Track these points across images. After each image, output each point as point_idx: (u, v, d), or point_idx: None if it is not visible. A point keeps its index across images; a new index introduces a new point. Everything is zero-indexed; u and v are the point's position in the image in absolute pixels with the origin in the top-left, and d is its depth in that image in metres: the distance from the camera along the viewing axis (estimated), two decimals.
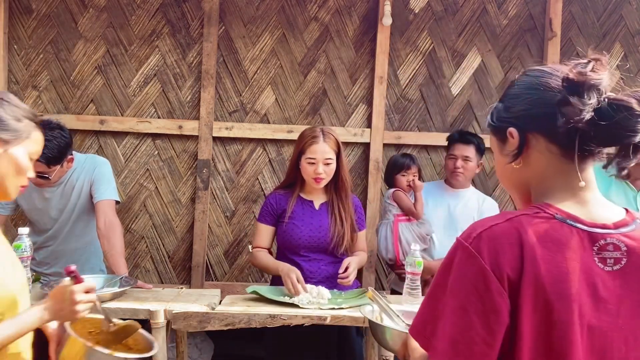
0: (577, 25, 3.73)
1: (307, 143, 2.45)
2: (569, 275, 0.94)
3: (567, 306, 0.94)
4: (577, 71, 0.97)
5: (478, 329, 0.94)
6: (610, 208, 1.03)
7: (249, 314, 2.08)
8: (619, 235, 0.98)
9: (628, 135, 0.96)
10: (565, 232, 0.97)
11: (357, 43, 3.62)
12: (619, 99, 0.97)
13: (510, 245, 0.94)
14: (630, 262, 0.97)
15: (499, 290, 0.93)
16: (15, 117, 1.39)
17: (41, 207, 2.51)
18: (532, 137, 1.03)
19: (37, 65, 3.50)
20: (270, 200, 2.58)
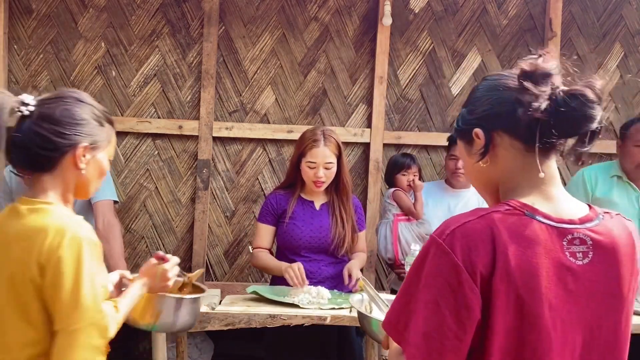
0: (577, 25, 3.73)
1: (307, 146, 2.43)
2: (540, 270, 0.97)
3: (538, 300, 0.97)
4: (529, 62, 1.03)
5: (450, 324, 0.96)
6: (574, 204, 1.07)
7: (249, 314, 2.08)
8: (584, 230, 1.01)
9: (585, 123, 1.01)
10: (535, 228, 0.99)
11: (357, 43, 3.62)
12: (574, 88, 1.02)
13: (482, 242, 0.97)
14: (596, 255, 1.01)
15: (471, 286, 0.96)
16: (99, 121, 1.41)
17: None
18: (497, 135, 1.07)
19: (37, 65, 3.50)
20: (270, 200, 2.57)
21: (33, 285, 1.30)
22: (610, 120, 3.76)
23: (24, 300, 1.31)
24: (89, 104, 1.41)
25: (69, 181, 1.39)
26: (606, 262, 1.02)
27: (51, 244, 1.28)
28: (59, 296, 1.28)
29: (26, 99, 1.33)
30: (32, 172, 1.37)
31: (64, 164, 1.37)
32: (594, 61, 3.75)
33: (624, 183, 2.63)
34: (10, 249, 1.32)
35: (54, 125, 1.34)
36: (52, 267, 1.28)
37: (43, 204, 1.35)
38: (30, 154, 1.34)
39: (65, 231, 1.29)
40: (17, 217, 1.34)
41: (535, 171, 1.04)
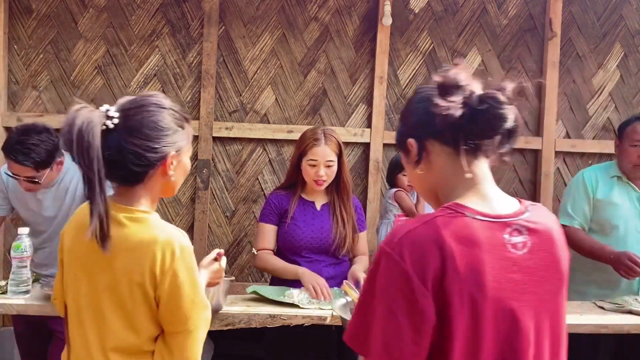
0: (577, 25, 3.73)
1: (308, 145, 2.43)
2: (486, 266, 1.02)
3: (488, 295, 1.02)
4: (440, 75, 1.12)
5: (406, 330, 1.00)
6: (506, 200, 1.14)
7: (249, 314, 2.08)
8: (521, 222, 1.08)
9: (499, 123, 1.08)
10: (476, 227, 1.05)
11: (357, 43, 3.62)
12: (485, 92, 1.09)
13: (429, 248, 1.01)
14: (533, 244, 1.08)
15: (423, 292, 1.00)
16: (179, 124, 1.43)
17: (34, 208, 2.50)
18: (429, 143, 1.14)
19: (37, 65, 3.50)
20: (272, 200, 2.56)
21: (142, 292, 1.36)
22: (610, 120, 3.77)
23: (129, 307, 1.37)
24: (169, 108, 1.41)
25: (157, 187, 1.44)
26: (543, 249, 1.09)
27: (164, 257, 1.35)
28: (178, 304, 1.37)
29: (110, 112, 1.34)
30: (125, 186, 1.40)
31: (155, 174, 1.40)
32: (594, 61, 3.75)
33: (624, 183, 2.62)
34: (114, 257, 1.35)
35: (144, 141, 1.34)
36: (168, 279, 1.35)
37: (141, 212, 1.39)
38: (124, 170, 1.35)
39: (174, 243, 1.37)
40: (117, 226, 1.36)
41: (466, 170, 1.10)
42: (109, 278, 1.37)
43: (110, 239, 1.32)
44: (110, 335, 1.38)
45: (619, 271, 2.41)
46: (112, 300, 1.38)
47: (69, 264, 1.46)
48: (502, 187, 3.72)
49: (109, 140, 1.32)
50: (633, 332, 2.19)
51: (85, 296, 1.41)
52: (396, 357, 1.01)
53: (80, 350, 1.42)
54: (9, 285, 2.05)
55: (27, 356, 2.60)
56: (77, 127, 1.26)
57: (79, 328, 1.42)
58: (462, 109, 1.07)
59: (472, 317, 1.01)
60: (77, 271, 1.43)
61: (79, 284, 1.42)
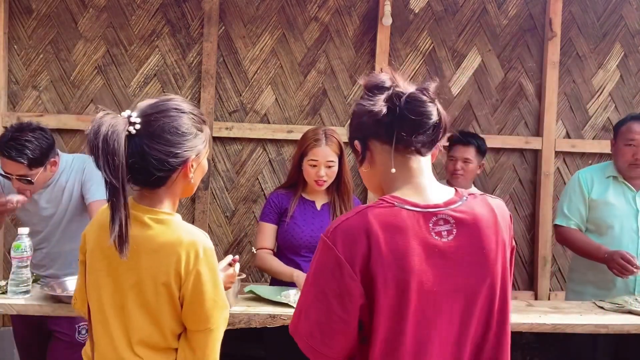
0: (577, 25, 3.73)
1: (309, 145, 2.44)
2: (409, 251, 1.12)
3: (411, 277, 1.11)
4: (365, 77, 1.24)
5: (336, 309, 1.12)
6: (442, 190, 1.23)
7: (249, 314, 2.08)
8: (448, 211, 1.17)
9: (423, 120, 1.18)
10: (403, 216, 1.14)
11: (357, 43, 3.62)
12: (408, 92, 1.19)
13: (358, 235, 1.12)
14: (459, 232, 1.16)
15: (351, 275, 1.11)
16: (198, 128, 1.46)
17: (30, 208, 2.49)
18: (371, 143, 1.24)
19: (37, 65, 3.50)
20: (272, 199, 2.57)
21: (167, 292, 1.40)
22: (610, 120, 3.77)
23: (153, 305, 1.41)
24: (188, 112, 1.43)
25: (178, 189, 1.48)
26: (470, 236, 1.16)
27: (188, 258, 1.39)
28: (201, 303, 1.41)
29: (132, 118, 1.35)
30: (148, 189, 1.43)
31: (176, 178, 1.43)
32: (594, 61, 3.75)
33: (620, 183, 2.62)
34: (140, 257, 1.39)
35: (166, 147, 1.37)
36: (192, 279, 1.39)
37: (165, 214, 1.43)
38: (147, 175, 1.38)
39: (198, 245, 1.40)
40: (142, 227, 1.40)
41: (406, 168, 1.21)
42: (134, 278, 1.41)
43: (130, 243, 1.35)
44: (135, 331, 1.42)
45: (613, 270, 2.42)
46: (138, 298, 1.42)
47: (92, 265, 1.49)
48: (502, 187, 3.72)
49: (131, 146, 1.34)
50: (633, 332, 2.19)
51: (110, 295, 1.44)
52: (326, 334, 1.14)
53: (106, 348, 1.45)
54: (9, 285, 2.04)
55: (26, 357, 2.59)
56: (103, 134, 1.28)
57: (104, 326, 1.45)
58: (387, 106, 1.18)
59: (397, 297, 1.11)
60: (102, 271, 1.46)
61: (104, 283, 1.45)
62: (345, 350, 1.17)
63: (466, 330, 1.16)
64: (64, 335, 2.36)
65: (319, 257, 1.16)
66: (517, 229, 3.77)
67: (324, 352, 1.16)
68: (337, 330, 1.14)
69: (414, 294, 1.11)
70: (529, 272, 3.78)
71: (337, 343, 1.15)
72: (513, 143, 3.69)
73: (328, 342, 1.15)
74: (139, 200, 1.44)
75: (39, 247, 2.51)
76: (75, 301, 1.63)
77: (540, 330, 2.07)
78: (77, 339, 2.34)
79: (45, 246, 2.51)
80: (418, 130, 1.18)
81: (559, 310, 2.20)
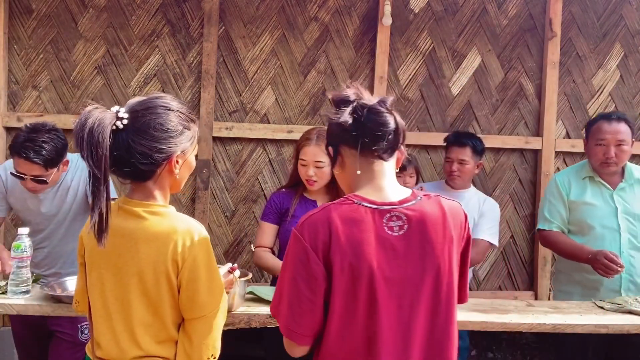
0: (577, 25, 3.73)
1: (301, 145, 2.46)
2: (364, 241, 1.31)
3: (364, 264, 1.30)
4: (333, 93, 1.41)
5: (304, 292, 1.32)
6: (400, 191, 1.40)
7: (249, 314, 2.08)
8: (400, 209, 1.35)
9: (381, 129, 1.35)
10: (361, 211, 1.34)
11: (357, 43, 3.62)
12: (370, 105, 1.36)
13: (321, 227, 1.32)
14: (411, 227, 1.34)
15: (316, 261, 1.31)
16: (185, 125, 1.50)
17: (33, 207, 2.49)
18: (341, 148, 1.42)
19: (37, 65, 3.50)
20: (274, 199, 2.58)
21: (166, 280, 1.44)
22: None
23: (154, 296, 1.45)
24: (176, 110, 1.48)
25: (166, 184, 1.52)
26: (418, 232, 1.34)
27: (184, 244, 1.43)
28: (196, 289, 1.45)
29: (120, 113, 1.41)
30: (136, 182, 1.48)
31: (162, 172, 1.48)
32: (594, 61, 3.75)
33: (596, 183, 2.61)
34: (139, 248, 1.44)
35: (151, 142, 1.42)
36: (188, 264, 1.44)
37: (159, 206, 1.48)
38: (132, 167, 1.43)
39: (193, 232, 1.46)
40: (138, 219, 1.46)
41: (369, 171, 1.39)
42: (134, 269, 1.45)
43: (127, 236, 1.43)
44: (137, 323, 1.45)
45: (598, 271, 2.40)
46: (139, 290, 1.45)
47: (92, 264, 1.52)
48: (502, 187, 3.72)
49: (118, 140, 1.40)
50: (633, 332, 2.19)
51: (111, 291, 1.48)
52: (297, 313, 1.33)
53: (109, 343, 1.48)
54: (9, 286, 2.04)
55: (26, 357, 2.59)
56: (89, 126, 1.34)
57: (107, 321, 1.49)
58: (352, 117, 1.35)
59: (351, 281, 1.30)
60: (101, 268, 1.49)
61: (104, 280, 1.49)
62: (314, 328, 1.34)
63: (415, 315, 1.33)
64: (67, 335, 2.36)
65: (291, 248, 1.35)
66: (517, 229, 3.77)
67: (296, 330, 1.34)
68: (306, 310, 1.32)
69: (365, 279, 1.30)
70: (529, 272, 3.78)
71: (305, 321, 1.33)
72: (513, 143, 3.69)
73: (299, 320, 1.33)
74: (132, 196, 1.49)
75: (41, 246, 2.51)
76: (77, 304, 1.65)
77: (540, 330, 2.07)
78: (80, 339, 2.34)
79: (47, 245, 2.51)
80: (379, 137, 1.35)
81: (559, 310, 2.20)
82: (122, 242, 1.45)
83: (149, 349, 1.46)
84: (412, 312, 1.32)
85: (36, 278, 2.32)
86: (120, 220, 1.46)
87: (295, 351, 1.39)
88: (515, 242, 3.78)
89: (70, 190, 2.48)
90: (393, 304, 1.31)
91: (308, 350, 1.40)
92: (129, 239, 1.45)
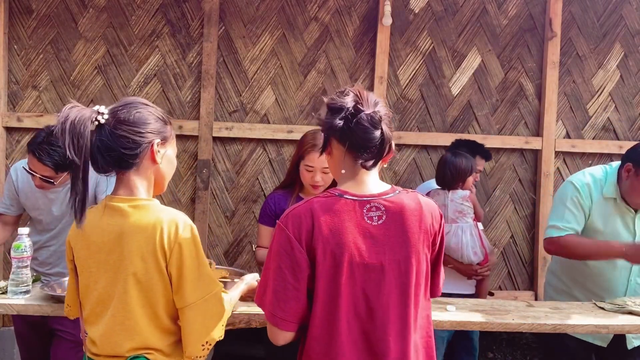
0: (577, 25, 3.73)
1: (306, 150, 2.42)
2: (344, 230, 1.39)
3: (344, 251, 1.38)
4: (329, 98, 1.47)
5: (289, 279, 1.40)
6: (380, 185, 1.48)
7: (249, 314, 2.08)
8: (379, 200, 1.43)
9: (367, 143, 1.42)
10: (341, 203, 1.42)
11: (357, 43, 3.62)
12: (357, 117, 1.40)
13: (305, 218, 1.40)
14: (388, 217, 1.42)
15: (300, 250, 1.39)
16: (163, 120, 1.60)
17: (43, 206, 2.51)
18: (332, 139, 1.49)
19: (37, 65, 3.50)
20: (268, 202, 2.57)
21: (157, 270, 1.49)
22: (610, 120, 3.77)
23: (146, 287, 1.49)
24: (152, 107, 1.60)
25: (150, 176, 1.58)
26: (396, 222, 1.42)
27: (169, 232, 1.48)
28: (184, 275, 1.49)
29: (101, 109, 1.50)
30: (119, 171, 1.54)
31: (145, 161, 1.55)
32: (594, 61, 3.75)
33: (619, 205, 2.40)
34: (128, 242, 1.49)
35: (132, 127, 1.52)
36: (175, 252, 1.48)
37: (143, 200, 1.54)
38: (116, 154, 1.51)
39: (178, 220, 1.51)
40: (123, 215, 1.51)
41: (353, 166, 1.46)
42: (125, 263, 1.49)
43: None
44: (131, 316, 1.49)
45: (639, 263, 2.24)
46: (132, 282, 1.49)
47: (82, 266, 1.55)
48: (502, 187, 3.70)
49: (101, 132, 1.50)
50: (633, 332, 2.19)
51: (104, 288, 1.52)
52: (282, 300, 1.41)
53: (103, 339, 1.52)
54: (9, 286, 2.04)
55: (27, 356, 2.60)
56: (71, 119, 1.44)
57: (101, 318, 1.53)
58: (343, 122, 1.41)
59: (333, 267, 1.38)
60: (92, 267, 1.53)
61: (97, 278, 1.53)
62: (298, 314, 1.42)
63: (391, 299, 1.41)
64: (68, 334, 2.36)
65: (275, 238, 1.43)
66: (517, 229, 3.77)
67: (281, 315, 1.42)
68: (291, 297, 1.40)
69: (346, 265, 1.38)
70: (529, 272, 3.78)
71: (290, 308, 1.41)
72: (513, 143, 3.69)
73: (283, 306, 1.41)
74: (116, 192, 1.55)
75: (47, 245, 2.53)
76: (69, 307, 1.70)
77: (540, 331, 2.07)
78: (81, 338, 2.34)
79: (54, 243, 2.53)
80: (363, 148, 1.43)
81: (559, 311, 2.20)
82: (111, 239, 1.50)
83: (144, 342, 1.49)
84: (389, 297, 1.41)
85: (36, 278, 2.33)
86: (107, 218, 1.52)
87: (278, 338, 1.47)
88: (515, 242, 3.78)
89: None
90: (372, 287, 1.40)
91: (291, 338, 1.48)
92: (117, 235, 1.50)
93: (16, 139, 3.47)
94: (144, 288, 1.49)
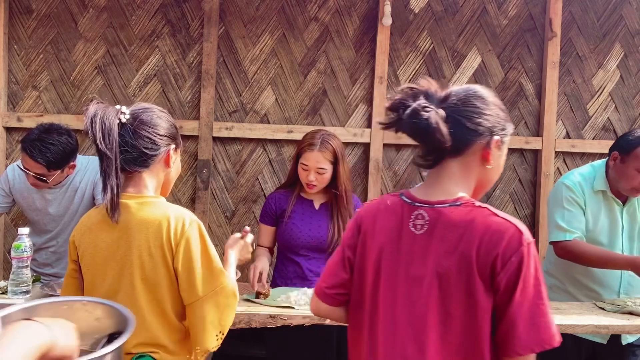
0: (577, 25, 3.73)
1: (303, 148, 2.45)
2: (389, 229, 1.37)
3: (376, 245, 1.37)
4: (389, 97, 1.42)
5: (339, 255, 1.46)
6: (443, 192, 1.35)
7: (249, 314, 2.08)
8: (427, 209, 1.33)
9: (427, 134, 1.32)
10: (398, 203, 1.38)
11: (357, 43, 3.62)
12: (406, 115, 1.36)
13: (369, 209, 1.44)
14: (430, 228, 1.32)
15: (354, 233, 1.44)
16: (176, 129, 1.66)
17: (40, 207, 2.51)
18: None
19: (37, 65, 3.50)
20: (269, 201, 2.59)
21: (164, 265, 1.52)
22: (610, 120, 3.77)
23: (152, 282, 1.52)
24: (166, 113, 1.66)
25: (160, 178, 1.63)
26: (441, 237, 1.29)
27: (176, 227, 1.52)
28: (192, 270, 1.52)
29: (123, 109, 1.57)
30: (135, 170, 1.58)
31: (158, 163, 1.61)
32: (594, 61, 3.75)
33: (608, 197, 2.46)
34: (135, 237, 1.53)
35: (154, 129, 1.59)
36: (182, 246, 1.52)
37: (150, 197, 1.58)
38: (137, 153, 1.56)
39: (184, 216, 1.55)
40: (130, 211, 1.54)
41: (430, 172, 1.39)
42: (133, 258, 1.53)
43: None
44: (137, 311, 1.48)
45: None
46: (140, 278, 1.52)
47: (88, 265, 1.57)
48: (502, 187, 3.71)
49: (124, 130, 1.55)
50: (633, 332, 2.19)
51: (111, 285, 1.55)
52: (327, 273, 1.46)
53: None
54: (9, 286, 2.04)
55: None
56: (100, 115, 1.49)
57: None
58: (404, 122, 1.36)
59: (361, 257, 1.41)
60: (98, 266, 1.55)
61: (105, 276, 1.55)
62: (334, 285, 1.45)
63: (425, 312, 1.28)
64: None
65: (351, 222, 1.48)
66: None
67: (322, 286, 1.46)
68: (335, 271, 1.45)
69: (372, 261, 1.37)
70: None
71: (331, 281, 1.45)
72: (513, 143, 3.69)
73: (327, 279, 1.46)
74: (124, 190, 1.57)
75: (46, 246, 2.52)
76: None
77: None
78: None
79: (53, 245, 2.53)
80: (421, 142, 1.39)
81: (559, 311, 2.20)
82: (119, 235, 1.54)
83: (150, 337, 1.51)
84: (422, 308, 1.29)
85: (36, 278, 2.33)
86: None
87: (319, 308, 1.49)
88: None
89: (78, 192, 2.50)
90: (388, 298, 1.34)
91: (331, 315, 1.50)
92: (125, 231, 1.53)
93: (16, 139, 3.47)
94: (150, 283, 1.52)
